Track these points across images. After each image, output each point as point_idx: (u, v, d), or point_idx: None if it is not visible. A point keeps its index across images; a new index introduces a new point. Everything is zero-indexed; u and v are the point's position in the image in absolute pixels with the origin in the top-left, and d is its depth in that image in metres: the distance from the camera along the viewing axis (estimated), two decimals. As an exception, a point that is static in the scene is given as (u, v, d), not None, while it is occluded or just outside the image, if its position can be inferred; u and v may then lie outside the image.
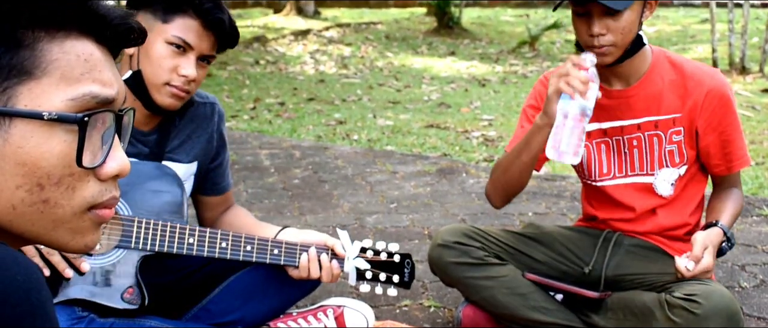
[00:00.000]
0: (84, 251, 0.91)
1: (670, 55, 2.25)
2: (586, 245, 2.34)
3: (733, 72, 8.14)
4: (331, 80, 8.98)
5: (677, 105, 2.17)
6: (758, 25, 11.26)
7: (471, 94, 7.88)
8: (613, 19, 2.05)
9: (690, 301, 1.98)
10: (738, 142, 2.20)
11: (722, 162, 2.21)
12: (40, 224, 0.85)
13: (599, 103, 2.23)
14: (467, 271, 2.27)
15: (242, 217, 2.31)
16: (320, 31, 13.09)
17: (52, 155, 0.82)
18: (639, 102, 2.20)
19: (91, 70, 0.86)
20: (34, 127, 0.81)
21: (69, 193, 0.85)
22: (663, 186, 2.23)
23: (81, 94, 0.84)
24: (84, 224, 0.88)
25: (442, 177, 4.38)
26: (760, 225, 3.44)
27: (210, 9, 1.92)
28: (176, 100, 1.95)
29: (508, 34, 13.07)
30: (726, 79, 2.22)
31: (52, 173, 0.82)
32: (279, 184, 4.27)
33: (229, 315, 2.17)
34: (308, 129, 6.02)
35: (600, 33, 2.06)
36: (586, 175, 2.33)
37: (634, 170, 2.25)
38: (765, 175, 4.36)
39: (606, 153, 2.27)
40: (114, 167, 0.88)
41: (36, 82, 0.82)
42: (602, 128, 2.25)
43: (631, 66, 2.18)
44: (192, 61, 1.93)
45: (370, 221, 3.56)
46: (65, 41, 0.85)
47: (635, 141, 2.23)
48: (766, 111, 6.39)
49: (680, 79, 2.18)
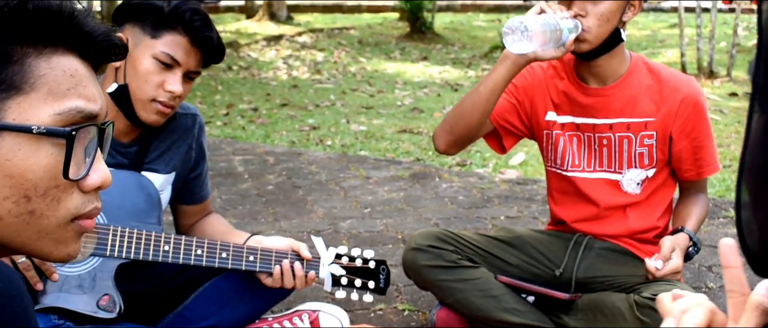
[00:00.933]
0: (66, 260, 0.93)
1: (647, 61, 2.29)
2: (557, 249, 2.38)
3: (701, 76, 8.27)
4: (305, 86, 8.98)
5: (651, 110, 2.21)
6: (726, 30, 11.45)
7: (444, 99, 7.93)
8: (592, 4, 2.08)
9: (658, 301, 2.02)
10: (709, 149, 2.26)
11: (693, 167, 2.26)
12: (26, 235, 0.87)
13: (575, 99, 2.27)
14: (441, 274, 2.30)
15: (215, 225, 2.33)
16: (293, 36, 13.09)
17: (39, 168, 0.85)
18: (614, 103, 2.23)
19: (76, 85, 0.89)
20: (22, 140, 0.84)
21: (54, 204, 0.87)
22: (629, 185, 2.28)
23: (68, 109, 0.87)
24: (67, 235, 0.90)
25: (415, 182, 4.41)
26: (727, 227, 3.51)
27: (199, 27, 1.94)
28: (161, 116, 1.97)
29: (481, 39, 13.14)
30: (700, 88, 2.27)
31: (38, 184, 0.85)
32: (253, 190, 4.28)
33: (205, 321, 2.18)
34: (282, 135, 6.03)
35: (578, 13, 2.08)
36: (557, 164, 2.35)
37: (603, 166, 2.29)
38: (732, 178, 4.44)
39: (577, 146, 2.31)
40: (97, 179, 0.91)
41: (24, 96, 0.85)
42: (575, 122, 2.29)
43: (609, 66, 2.21)
44: (179, 77, 1.95)
45: (344, 226, 3.58)
46: (52, 57, 0.87)
47: (606, 140, 2.27)
48: (733, 115, 6.50)
49: (656, 85, 2.22)
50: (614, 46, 2.17)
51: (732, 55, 8.35)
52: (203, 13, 1.96)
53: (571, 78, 2.29)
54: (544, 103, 2.33)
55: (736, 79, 8.23)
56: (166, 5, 1.93)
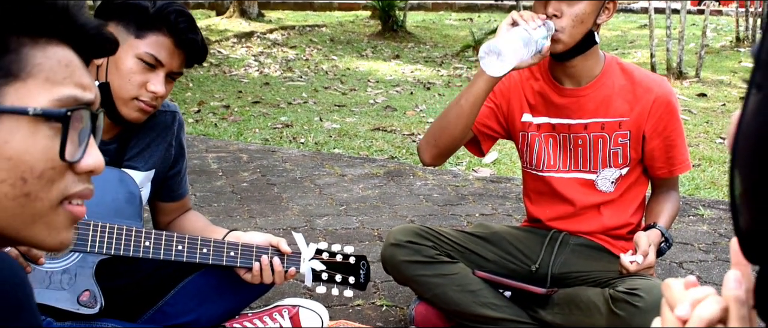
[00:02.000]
0: (59, 248, 0.95)
1: (621, 62, 2.33)
2: (533, 244, 2.42)
3: (670, 77, 8.38)
4: (276, 83, 8.96)
5: (625, 110, 2.25)
6: (695, 31, 11.60)
7: (416, 97, 7.96)
8: (568, 5, 2.11)
9: (632, 295, 2.06)
10: (681, 148, 2.30)
11: (665, 166, 2.31)
12: (21, 219, 0.89)
13: (551, 100, 2.30)
14: (419, 269, 2.33)
15: (193, 221, 2.33)
16: (264, 33, 13.03)
17: (36, 150, 0.87)
18: (589, 103, 2.27)
19: (71, 74, 0.92)
20: (20, 123, 0.86)
21: (48, 186, 0.90)
22: (604, 183, 2.32)
23: (64, 97, 0.91)
24: (59, 220, 0.93)
25: (390, 180, 4.44)
26: (696, 224, 3.58)
27: (184, 29, 1.94)
28: (142, 114, 1.97)
29: (453, 38, 13.20)
30: (672, 88, 2.31)
31: (35, 166, 0.88)
32: (227, 187, 4.27)
33: (185, 317, 2.19)
34: (254, 132, 6.01)
35: (553, 14, 2.11)
36: (533, 165, 2.38)
37: (578, 166, 2.33)
38: (701, 176, 4.53)
39: (553, 147, 2.34)
40: (90, 162, 0.94)
41: (21, 83, 0.88)
42: (551, 123, 2.33)
43: (584, 67, 2.25)
44: (161, 78, 1.95)
45: (320, 223, 3.60)
46: (47, 47, 0.91)
47: (581, 140, 2.30)
48: (702, 115, 6.60)
49: (630, 85, 2.26)
50: (588, 47, 2.21)
51: (701, 56, 8.48)
52: (188, 15, 1.96)
53: (546, 79, 2.32)
54: (519, 105, 2.36)
55: (704, 80, 8.36)
56: (150, 5, 1.93)
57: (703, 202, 3.93)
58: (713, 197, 4.10)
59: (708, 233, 3.47)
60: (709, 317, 0.85)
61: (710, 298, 0.87)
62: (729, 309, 0.84)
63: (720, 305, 0.85)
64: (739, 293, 0.84)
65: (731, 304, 0.84)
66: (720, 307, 0.85)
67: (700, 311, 0.86)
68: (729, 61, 9.98)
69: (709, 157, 4.99)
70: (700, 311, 0.86)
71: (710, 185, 4.36)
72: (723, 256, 3.16)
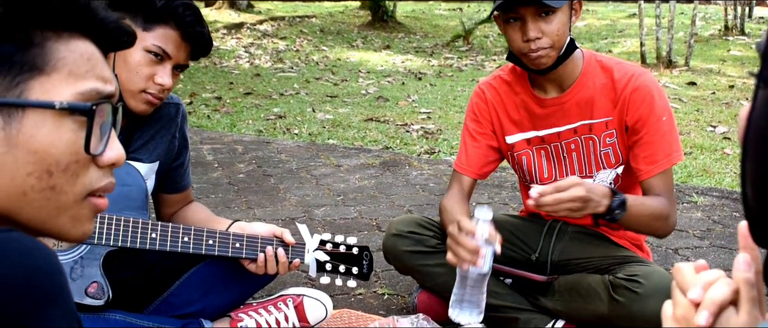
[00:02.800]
0: (82, 239, 0.97)
1: (600, 58, 2.28)
2: (533, 233, 2.45)
3: (660, 65, 8.43)
4: (267, 74, 8.96)
5: (609, 108, 2.23)
6: (684, 20, 11.67)
7: (408, 87, 7.98)
8: (545, 22, 2.08)
9: (632, 281, 2.09)
10: (659, 144, 2.19)
11: (644, 165, 2.20)
12: (46, 211, 0.91)
13: (535, 113, 2.28)
14: (421, 259, 2.36)
15: (197, 212, 2.35)
16: (254, 24, 13.02)
17: (61, 143, 0.89)
18: (573, 107, 2.25)
19: (93, 68, 0.94)
20: (45, 117, 0.88)
21: (73, 179, 0.91)
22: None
23: (87, 90, 0.92)
24: (83, 212, 0.94)
25: (385, 170, 4.46)
26: (691, 211, 3.62)
27: (191, 22, 1.96)
28: (149, 106, 1.98)
29: (443, 28, 13.23)
30: (651, 80, 2.23)
31: (60, 159, 0.89)
32: (224, 178, 4.29)
33: (191, 307, 2.21)
34: (248, 124, 6.02)
35: (536, 37, 2.08)
36: (528, 180, 2.39)
37: (574, 172, 2.31)
38: (693, 164, 4.57)
39: (546, 159, 2.33)
40: (112, 155, 0.96)
41: (46, 77, 0.89)
42: (539, 136, 2.31)
43: (564, 72, 2.22)
44: (168, 70, 1.97)
45: (318, 213, 3.62)
46: (70, 41, 0.92)
47: (573, 145, 2.29)
48: (692, 103, 6.65)
49: (610, 82, 2.22)
50: (571, 53, 2.19)
51: (690, 45, 8.53)
52: (195, 8, 1.98)
53: (526, 92, 2.29)
54: (505, 124, 2.34)
55: (694, 69, 8.42)
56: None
57: (696, 189, 3.98)
58: (706, 184, 4.14)
59: (702, 219, 3.51)
60: (720, 299, 0.88)
61: (721, 280, 0.90)
62: (739, 291, 0.88)
63: (731, 287, 0.88)
64: (748, 276, 0.87)
65: (741, 286, 0.88)
66: (731, 289, 0.88)
67: (711, 293, 0.89)
68: (718, 49, 10.05)
69: (701, 145, 5.04)
70: (712, 294, 0.89)
71: (702, 172, 4.41)
72: (717, 242, 3.20)
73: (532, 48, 2.10)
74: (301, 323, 2.26)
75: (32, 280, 0.80)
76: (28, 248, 0.82)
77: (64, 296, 0.83)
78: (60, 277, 0.83)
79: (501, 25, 2.18)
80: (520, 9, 2.07)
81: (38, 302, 0.80)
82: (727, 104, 6.56)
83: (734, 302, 0.88)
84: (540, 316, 2.29)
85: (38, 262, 0.81)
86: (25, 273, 0.80)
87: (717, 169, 4.48)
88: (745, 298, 0.87)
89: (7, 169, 0.87)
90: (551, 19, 2.08)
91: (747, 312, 0.87)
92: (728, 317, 0.87)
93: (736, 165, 4.57)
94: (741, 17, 11.32)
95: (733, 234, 3.29)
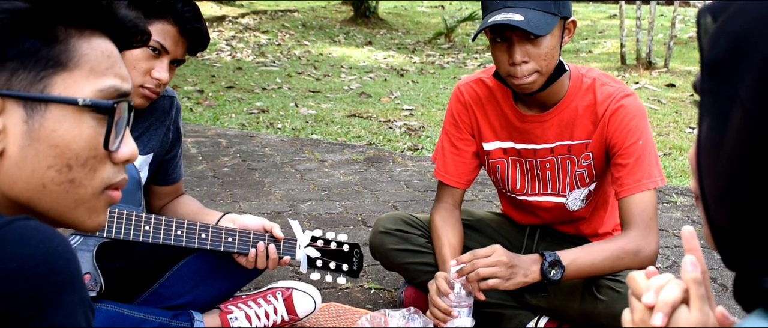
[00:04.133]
0: (97, 229, 1.00)
1: (588, 77, 2.21)
2: (516, 232, 2.49)
3: (639, 67, 8.52)
4: (249, 68, 8.95)
5: (589, 129, 2.19)
6: (664, 22, 11.78)
7: (390, 84, 8.01)
8: (533, 46, 2.01)
9: (616, 281, 2.13)
10: (632, 167, 2.13)
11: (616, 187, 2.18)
12: (64, 203, 0.94)
13: (514, 125, 2.24)
14: (408, 257, 2.39)
15: (187, 204, 2.37)
16: (236, 18, 12.98)
17: (81, 138, 0.92)
18: (553, 127, 2.22)
19: (112, 65, 0.97)
20: (67, 112, 0.91)
21: (91, 174, 0.95)
22: (575, 203, 2.32)
23: (107, 87, 0.95)
24: (99, 204, 0.98)
25: (370, 165, 4.49)
26: (671, 211, 3.69)
27: (190, 18, 1.98)
28: (145, 100, 2.01)
29: (424, 25, 13.27)
30: (632, 103, 2.16)
31: (80, 154, 0.92)
32: (209, 172, 4.30)
33: (181, 298, 2.23)
34: (231, 117, 6.03)
35: (522, 60, 2.01)
36: (501, 187, 2.41)
37: (547, 189, 2.31)
38: (672, 165, 4.64)
39: (520, 172, 2.33)
40: (127, 151, 0.99)
41: (68, 73, 0.92)
42: (516, 148, 2.29)
43: (550, 92, 2.16)
44: (166, 65, 1.99)
45: (304, 208, 3.64)
46: (92, 39, 0.95)
47: (548, 164, 2.27)
48: (671, 104, 6.74)
49: (593, 103, 2.18)
50: (559, 76, 2.13)
51: (669, 47, 8.63)
52: (193, 4, 2.00)
53: (507, 103, 2.26)
54: (484, 129, 2.33)
55: (673, 71, 8.51)
56: None
57: (675, 189, 4.05)
58: (685, 185, 4.21)
59: (682, 219, 3.58)
60: (672, 300, 0.96)
61: (671, 283, 0.98)
62: (689, 290, 0.95)
63: (681, 288, 0.96)
64: (695, 275, 0.95)
65: (690, 285, 0.95)
66: (681, 289, 0.96)
67: (663, 295, 0.96)
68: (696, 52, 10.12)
69: (680, 147, 5.12)
70: (664, 296, 0.96)
71: (681, 173, 4.48)
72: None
73: (517, 74, 2.03)
74: (290, 316, 2.29)
75: (52, 265, 0.83)
76: (47, 235, 0.85)
77: (80, 283, 0.86)
78: (76, 263, 0.86)
79: (489, 40, 2.10)
80: (507, 31, 2.01)
81: (57, 287, 0.83)
82: (705, 106, 6.66)
83: (685, 301, 0.96)
84: (524, 312, 2.33)
85: (57, 248, 0.84)
86: (44, 259, 0.83)
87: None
88: (695, 296, 0.95)
89: (29, 161, 0.90)
90: (540, 43, 2.01)
91: (698, 309, 0.94)
92: (681, 316, 0.95)
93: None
94: (719, 20, 11.44)
95: (711, 234, 3.36)
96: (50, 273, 0.82)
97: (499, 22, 1.96)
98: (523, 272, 2.05)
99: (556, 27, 2.02)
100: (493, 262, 2.04)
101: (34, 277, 0.81)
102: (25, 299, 0.80)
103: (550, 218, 2.40)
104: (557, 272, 2.04)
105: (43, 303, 0.81)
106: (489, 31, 2.05)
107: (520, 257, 2.08)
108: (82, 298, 0.87)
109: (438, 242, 2.31)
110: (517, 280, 2.05)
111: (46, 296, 0.82)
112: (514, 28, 1.97)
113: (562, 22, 2.07)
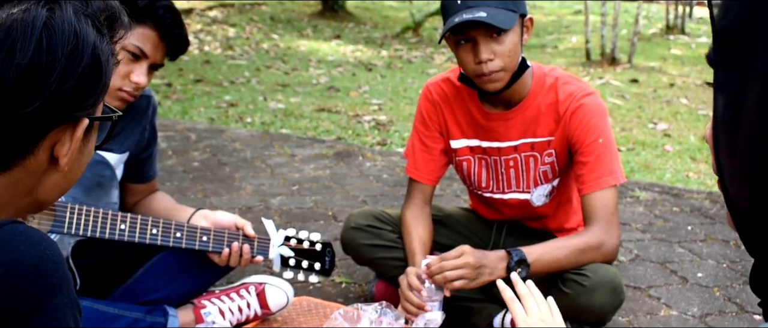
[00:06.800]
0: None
1: (551, 76, 2.28)
2: (484, 228, 2.56)
3: (604, 63, 8.64)
4: (217, 61, 8.92)
5: (552, 127, 2.26)
6: (628, 19, 11.95)
7: (359, 78, 8.04)
8: (497, 43, 2.08)
9: (580, 274, 2.20)
10: (592, 165, 2.20)
11: (578, 185, 2.25)
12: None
13: (479, 123, 2.32)
14: (379, 252, 2.45)
15: (160, 201, 2.39)
16: (203, 10, 12.92)
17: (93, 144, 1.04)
18: (517, 125, 2.29)
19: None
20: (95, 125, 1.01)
21: None
22: (539, 199, 2.40)
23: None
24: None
25: (339, 160, 4.53)
26: (634, 206, 3.78)
27: (171, 24, 2.01)
28: (123, 103, 2.04)
29: (392, 19, 13.30)
30: (593, 101, 2.23)
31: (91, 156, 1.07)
32: (179, 167, 4.31)
33: (154, 294, 2.26)
34: (200, 111, 6.03)
35: (488, 58, 2.08)
36: (467, 184, 2.49)
37: (511, 187, 2.39)
38: (635, 160, 4.75)
39: (485, 169, 2.40)
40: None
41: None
42: (482, 146, 2.36)
43: (514, 90, 2.22)
44: (145, 69, 2.01)
45: (274, 202, 3.68)
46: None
47: (512, 161, 2.34)
48: (634, 100, 6.86)
49: (554, 103, 2.25)
50: (522, 73, 2.20)
51: (633, 43, 8.76)
52: (175, 10, 2.02)
53: (473, 101, 2.33)
54: (451, 127, 2.39)
55: (636, 66, 8.65)
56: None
57: (638, 184, 4.14)
58: (647, 179, 4.31)
59: (644, 213, 3.67)
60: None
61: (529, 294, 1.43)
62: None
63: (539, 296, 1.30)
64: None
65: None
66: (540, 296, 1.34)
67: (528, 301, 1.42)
68: (659, 48, 10.34)
69: (643, 142, 5.22)
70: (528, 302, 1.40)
71: (644, 168, 4.58)
72: (658, 235, 3.36)
73: (484, 72, 2.10)
74: (263, 311, 2.33)
75: (41, 270, 0.87)
76: (35, 239, 0.89)
77: (68, 285, 0.90)
78: (64, 266, 0.90)
79: (452, 47, 2.17)
80: (471, 31, 2.08)
81: (46, 291, 0.87)
82: (667, 102, 6.78)
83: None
84: (492, 305, 2.40)
85: (46, 252, 0.88)
86: (34, 263, 0.86)
87: (658, 165, 4.66)
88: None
89: (74, 171, 1.00)
90: (503, 40, 2.08)
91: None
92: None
93: (676, 161, 4.76)
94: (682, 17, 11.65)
95: (673, 228, 3.45)
96: (39, 277, 0.86)
97: (465, 20, 2.03)
98: (489, 271, 2.12)
99: (516, 24, 2.10)
100: (460, 264, 2.10)
101: (24, 281, 0.85)
102: (15, 303, 0.84)
103: (516, 214, 2.47)
104: (523, 270, 2.10)
105: (33, 307, 0.85)
106: (452, 35, 2.12)
107: (487, 255, 2.14)
108: (70, 300, 0.91)
109: (408, 238, 2.37)
110: (483, 279, 2.12)
111: (36, 299, 0.85)
112: (478, 26, 2.04)
113: (521, 20, 2.14)
